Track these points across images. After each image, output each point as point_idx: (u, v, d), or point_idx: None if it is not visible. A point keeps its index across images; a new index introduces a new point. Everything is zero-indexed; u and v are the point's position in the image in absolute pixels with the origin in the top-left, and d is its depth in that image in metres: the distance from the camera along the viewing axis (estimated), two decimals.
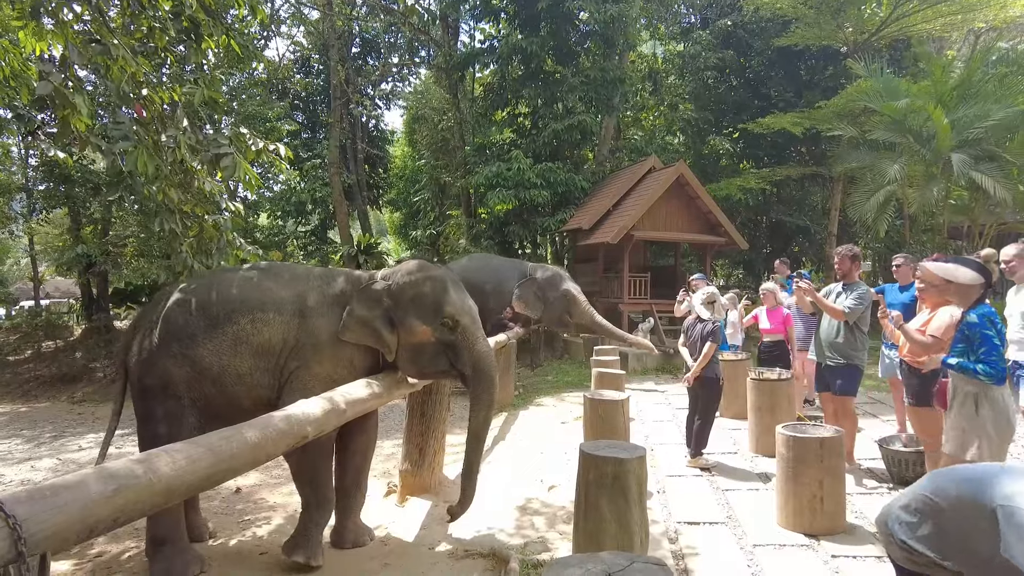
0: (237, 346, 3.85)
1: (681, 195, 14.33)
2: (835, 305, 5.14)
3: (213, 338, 3.85)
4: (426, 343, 4.02)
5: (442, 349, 4.05)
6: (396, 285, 4.06)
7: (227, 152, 4.13)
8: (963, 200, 13.12)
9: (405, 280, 4.08)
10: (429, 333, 3.99)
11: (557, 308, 10.36)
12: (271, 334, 3.89)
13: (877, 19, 16.00)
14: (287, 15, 22.03)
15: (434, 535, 4.46)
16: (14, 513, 1.53)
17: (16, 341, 17.06)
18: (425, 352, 4.05)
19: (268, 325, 3.88)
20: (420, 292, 4.03)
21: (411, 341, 4.01)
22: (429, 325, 3.98)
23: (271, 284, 4.04)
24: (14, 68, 4.96)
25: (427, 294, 4.02)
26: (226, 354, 3.85)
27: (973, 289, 3.36)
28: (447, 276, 4.19)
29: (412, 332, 3.99)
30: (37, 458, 8.07)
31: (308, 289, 4.08)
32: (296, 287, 4.07)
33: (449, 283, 4.12)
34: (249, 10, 4.67)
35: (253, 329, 3.87)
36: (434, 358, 4.07)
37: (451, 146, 20.17)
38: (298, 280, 4.14)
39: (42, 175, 16.78)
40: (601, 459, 2.89)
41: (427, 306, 4.00)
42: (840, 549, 3.71)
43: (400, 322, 4.00)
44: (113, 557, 4.35)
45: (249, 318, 3.88)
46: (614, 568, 1.78)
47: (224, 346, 3.85)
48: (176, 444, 2.23)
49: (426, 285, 4.05)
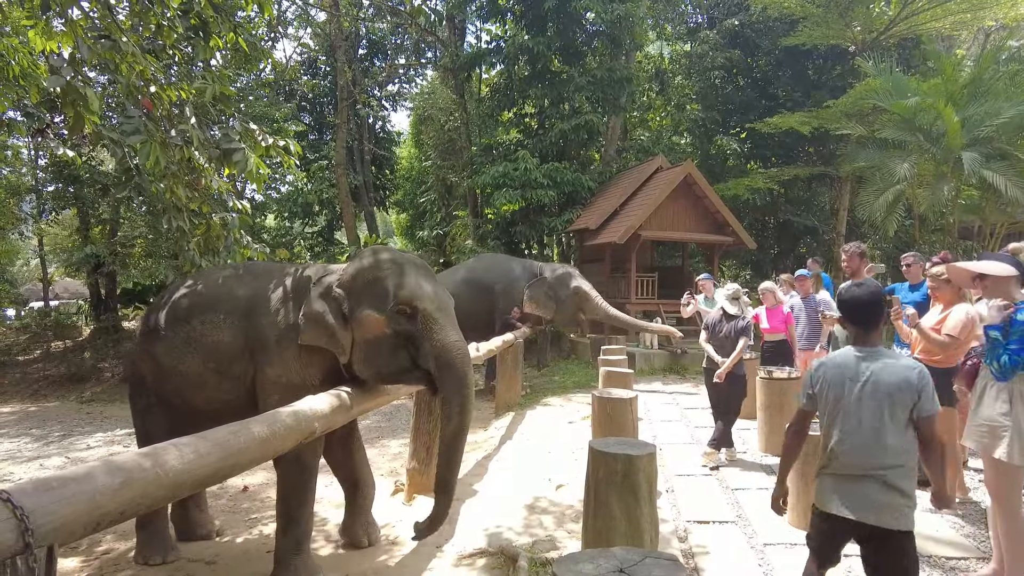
0: (188, 346, 3.78)
1: (688, 195, 14.27)
2: None
3: (168, 338, 3.83)
4: (381, 337, 3.46)
5: (400, 343, 3.48)
6: (347, 274, 3.59)
7: (238, 147, 4.12)
8: (974, 199, 13.01)
9: (356, 267, 3.60)
10: (383, 323, 3.42)
11: (570, 306, 10.32)
12: (220, 336, 3.72)
13: (886, 18, 15.91)
14: (294, 17, 22.12)
15: (442, 533, 4.42)
16: (21, 504, 1.53)
17: (26, 341, 17.20)
18: (381, 348, 3.48)
19: (217, 327, 3.74)
20: (373, 278, 3.51)
21: (365, 336, 3.47)
22: (382, 313, 3.42)
23: (233, 284, 3.90)
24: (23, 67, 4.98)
25: (380, 279, 3.49)
26: (177, 354, 3.79)
27: (1008, 282, 3.27)
28: (406, 259, 3.68)
29: (363, 324, 3.44)
30: (46, 456, 8.10)
31: (263, 287, 3.83)
32: (253, 285, 3.86)
33: (408, 265, 3.59)
34: (257, 8, 4.67)
35: (203, 330, 3.75)
36: (392, 355, 3.49)
37: (457, 146, 20.19)
38: (258, 278, 3.93)
39: (51, 176, 16.89)
40: (611, 456, 2.86)
41: (379, 292, 3.46)
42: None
43: (352, 315, 3.48)
44: (120, 554, 4.35)
45: (199, 319, 3.79)
46: (626, 563, 1.75)
47: (176, 346, 3.80)
48: (184, 438, 2.22)
49: (378, 269, 3.53)
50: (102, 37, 4.07)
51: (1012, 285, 3.22)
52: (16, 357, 16.20)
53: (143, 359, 3.98)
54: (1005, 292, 3.27)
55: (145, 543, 4.07)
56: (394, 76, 24.22)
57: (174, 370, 3.80)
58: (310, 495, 3.71)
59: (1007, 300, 3.24)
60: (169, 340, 3.81)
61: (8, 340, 17.67)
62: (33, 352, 16.50)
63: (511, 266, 11.30)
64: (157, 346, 3.85)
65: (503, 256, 12.93)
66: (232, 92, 4.67)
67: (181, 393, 3.85)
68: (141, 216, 16.13)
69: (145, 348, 3.95)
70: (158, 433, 3.47)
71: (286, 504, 3.64)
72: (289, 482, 3.62)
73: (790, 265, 18.18)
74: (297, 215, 21.75)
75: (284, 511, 3.64)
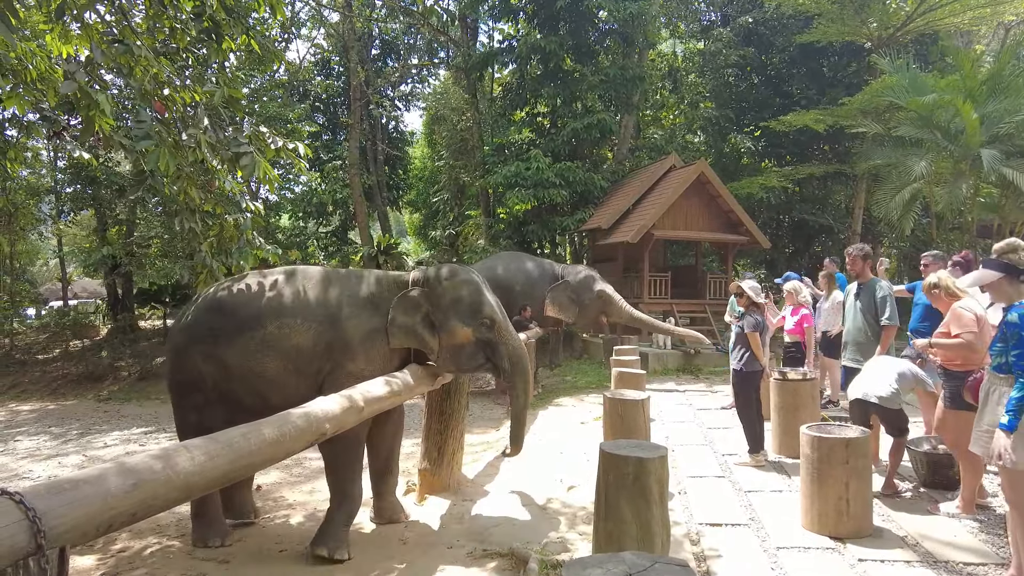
0: (264, 349, 4.11)
1: (702, 194, 14.18)
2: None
3: (239, 341, 4.14)
4: (466, 343, 4.34)
5: (480, 347, 4.39)
6: (433, 290, 4.32)
7: (247, 151, 4.16)
8: (992, 197, 12.81)
9: (442, 285, 4.35)
10: (470, 334, 4.31)
11: (592, 310, 10.25)
12: (300, 340, 4.11)
13: (902, 14, 15.70)
14: (307, 18, 22.25)
15: (453, 534, 4.45)
16: (34, 506, 1.54)
17: (45, 340, 17.47)
18: (465, 350, 4.37)
19: (295, 331, 4.12)
20: (458, 296, 4.33)
21: (452, 343, 4.31)
22: (469, 327, 4.30)
23: (300, 289, 4.29)
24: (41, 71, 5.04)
25: (465, 297, 4.33)
26: (253, 356, 4.11)
27: (1000, 283, 3.27)
28: (480, 278, 4.51)
29: (454, 334, 4.29)
30: (64, 455, 8.21)
31: (338, 292, 4.30)
32: (325, 291, 4.29)
33: (482, 286, 4.46)
34: (269, 9, 4.69)
35: (280, 334, 4.11)
36: (473, 355, 4.41)
37: (470, 146, 20.21)
38: (324, 283, 4.35)
39: (69, 177, 17.14)
40: (621, 458, 2.84)
41: (466, 309, 4.31)
42: (867, 553, 3.61)
43: (441, 325, 4.28)
44: (135, 553, 4.39)
45: (276, 324, 4.13)
46: (635, 569, 1.73)
47: (251, 349, 4.12)
48: (195, 440, 2.23)
49: (463, 289, 4.36)
50: (116, 41, 4.11)
51: (1003, 285, 3.25)
52: (36, 356, 16.46)
53: (204, 361, 4.20)
54: (1005, 293, 3.27)
55: (202, 528, 4.39)
56: (407, 76, 24.30)
57: (249, 370, 4.13)
58: (359, 470, 4.23)
59: (1007, 301, 3.26)
60: (242, 343, 4.11)
61: (28, 339, 17.96)
62: (52, 351, 16.75)
63: (533, 267, 11.26)
64: (224, 349, 4.14)
65: (522, 254, 12.83)
66: (241, 95, 4.69)
67: (256, 392, 4.15)
68: (156, 217, 16.31)
69: (207, 351, 4.19)
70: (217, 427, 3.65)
71: (338, 479, 4.15)
72: (339, 459, 4.11)
73: (805, 264, 18.03)
74: (311, 215, 21.89)
75: (338, 486, 4.15)
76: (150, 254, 16.83)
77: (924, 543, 3.71)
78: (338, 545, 4.02)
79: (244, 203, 5.34)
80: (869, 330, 5.53)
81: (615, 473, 2.87)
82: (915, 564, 3.47)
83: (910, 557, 3.56)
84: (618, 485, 2.85)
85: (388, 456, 4.76)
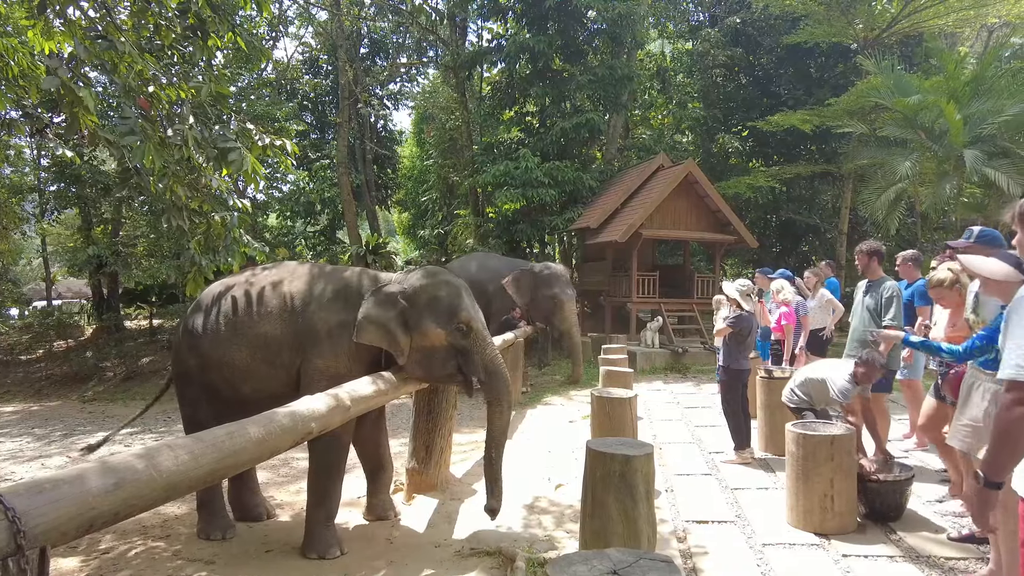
0: (234, 338, 4.18)
1: (690, 193, 14.25)
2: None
3: (212, 331, 4.25)
4: (438, 347, 4.10)
5: (453, 353, 4.13)
6: (412, 288, 4.15)
7: (234, 147, 4.13)
8: (976, 197, 12.98)
9: (421, 284, 4.18)
10: (443, 337, 4.07)
11: (543, 307, 10.36)
12: (265, 328, 4.14)
13: (888, 15, 15.86)
14: (295, 16, 22.11)
15: (441, 533, 4.44)
16: (13, 506, 1.52)
17: (28, 341, 17.24)
18: (436, 355, 4.12)
19: (262, 319, 4.16)
20: (436, 296, 4.13)
21: (424, 344, 4.09)
22: (444, 329, 4.06)
23: (282, 282, 4.31)
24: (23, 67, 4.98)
25: (443, 298, 4.12)
26: (222, 345, 4.20)
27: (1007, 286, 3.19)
28: (461, 282, 4.32)
29: (426, 335, 4.06)
30: (47, 456, 8.11)
31: (315, 286, 4.25)
32: (304, 283, 4.27)
33: (463, 289, 4.25)
34: (256, 7, 4.66)
35: (248, 322, 4.17)
36: (444, 362, 4.15)
37: (459, 145, 20.18)
38: (308, 277, 4.34)
39: (53, 176, 16.92)
40: (608, 456, 2.85)
41: (442, 310, 4.09)
42: (851, 548, 3.65)
43: (415, 325, 4.07)
44: (120, 554, 4.35)
45: (245, 312, 4.21)
46: (620, 565, 1.74)
47: (221, 338, 4.21)
48: (179, 439, 2.22)
49: (442, 289, 4.16)
50: (99, 37, 4.07)
51: (1012, 288, 3.16)
52: (19, 356, 16.25)
53: (189, 353, 4.36)
54: (1005, 293, 3.25)
55: (206, 521, 4.46)
56: (396, 75, 24.19)
57: (219, 359, 4.22)
58: (341, 472, 4.17)
59: (1008, 301, 3.20)
60: (214, 333, 4.22)
61: (11, 339, 17.72)
62: (36, 351, 16.53)
63: (504, 266, 11.34)
64: (201, 340, 4.27)
65: (496, 255, 12.93)
66: (228, 91, 4.66)
67: (227, 381, 4.24)
68: (142, 216, 16.17)
69: (191, 343, 4.34)
70: (207, 420, 3.85)
71: (319, 479, 4.08)
72: (323, 459, 4.07)
73: (792, 263, 18.16)
74: (299, 214, 21.76)
75: (317, 486, 4.08)
76: (136, 253, 16.68)
77: (907, 539, 3.76)
78: (327, 545, 4.02)
79: (232, 201, 5.30)
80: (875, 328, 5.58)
81: (602, 470, 2.88)
82: (898, 559, 3.51)
83: (893, 552, 3.60)
84: (605, 482, 2.86)
85: (376, 451, 4.73)
